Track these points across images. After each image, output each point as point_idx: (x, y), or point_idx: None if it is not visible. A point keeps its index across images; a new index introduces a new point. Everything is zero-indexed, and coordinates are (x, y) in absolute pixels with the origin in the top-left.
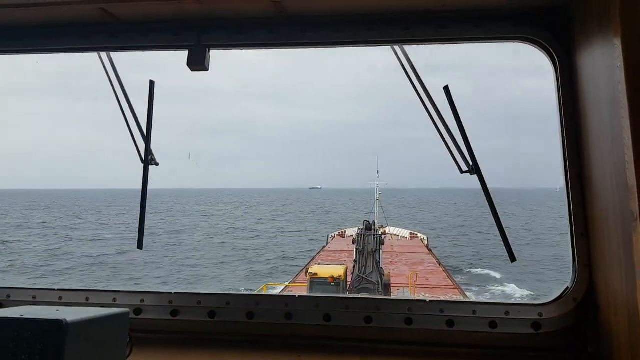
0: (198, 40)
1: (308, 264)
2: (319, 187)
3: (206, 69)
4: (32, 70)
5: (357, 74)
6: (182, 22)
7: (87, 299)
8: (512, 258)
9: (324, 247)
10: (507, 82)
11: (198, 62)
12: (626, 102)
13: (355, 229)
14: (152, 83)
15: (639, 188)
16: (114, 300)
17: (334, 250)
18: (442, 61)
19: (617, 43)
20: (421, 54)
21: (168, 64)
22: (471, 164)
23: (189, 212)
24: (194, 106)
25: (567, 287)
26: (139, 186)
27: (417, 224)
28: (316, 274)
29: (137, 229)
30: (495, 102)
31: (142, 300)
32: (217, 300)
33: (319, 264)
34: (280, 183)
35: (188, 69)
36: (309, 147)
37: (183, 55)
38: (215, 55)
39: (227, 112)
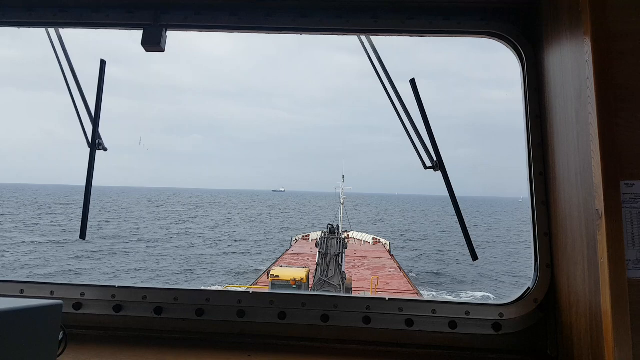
0: (154, 20)
1: (270, 266)
2: (283, 189)
3: (162, 50)
4: None
5: (327, 77)
6: (138, 0)
7: (22, 291)
8: (474, 257)
9: (287, 250)
10: (481, 93)
11: (153, 42)
12: (594, 97)
13: (320, 233)
14: (103, 63)
15: (604, 185)
16: (52, 293)
17: (297, 254)
18: (416, 72)
19: (587, 38)
20: (395, 62)
21: (135, 58)
22: (435, 159)
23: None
24: (160, 103)
25: (529, 288)
26: (107, 182)
27: (380, 230)
28: (278, 276)
29: (81, 218)
30: (466, 111)
31: (82, 294)
32: (164, 295)
33: (281, 267)
34: (244, 184)
35: (155, 65)
36: (273, 149)
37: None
38: (184, 49)
39: (194, 110)
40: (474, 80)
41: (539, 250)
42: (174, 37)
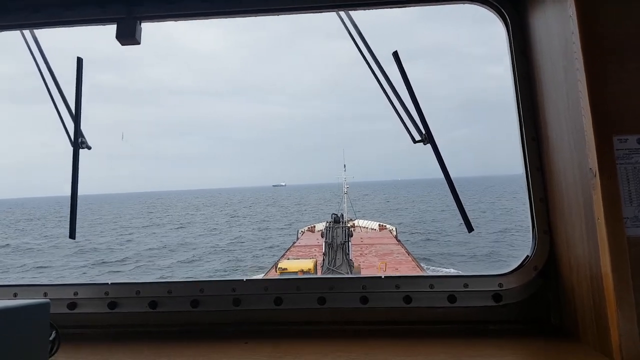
0: (128, 13)
1: (278, 260)
2: (283, 184)
3: (138, 43)
4: None
5: (322, 67)
6: None
7: (15, 294)
8: (470, 228)
9: (294, 242)
10: (483, 69)
11: (128, 35)
12: (580, 51)
13: (325, 224)
14: (79, 60)
15: (596, 143)
16: (45, 294)
17: (304, 245)
18: (413, 49)
19: None
20: (389, 43)
21: (129, 65)
22: (424, 132)
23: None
24: (157, 107)
25: (527, 256)
26: (105, 190)
27: (386, 216)
28: (286, 268)
29: (69, 218)
30: (467, 90)
31: (75, 293)
32: (157, 289)
33: (288, 259)
34: (243, 182)
35: (149, 70)
36: (272, 144)
37: (146, 53)
38: (173, 48)
39: (192, 112)
40: (473, 56)
41: (536, 217)
42: (165, 38)
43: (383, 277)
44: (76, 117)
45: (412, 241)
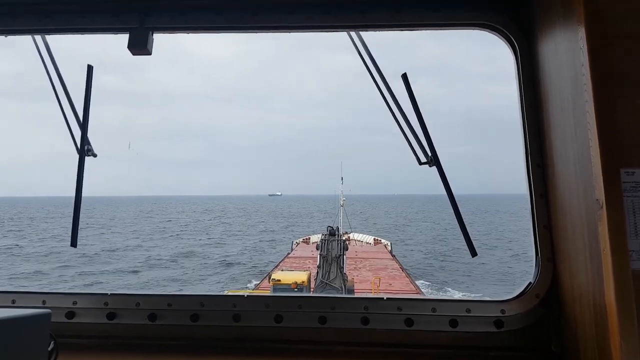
0: (140, 23)
1: (272, 270)
2: (279, 193)
3: (149, 53)
4: None
5: (327, 77)
6: (123, 3)
7: (14, 301)
8: (473, 253)
9: (288, 253)
10: (487, 88)
11: (140, 46)
12: (590, 83)
13: (320, 236)
14: (90, 68)
15: (604, 174)
16: (43, 302)
17: (299, 257)
18: (417, 68)
19: (580, 24)
20: (393, 59)
21: (133, 67)
22: (430, 154)
23: None
24: (159, 111)
25: (530, 283)
26: (99, 193)
27: (382, 231)
28: (279, 280)
29: (72, 225)
30: (470, 107)
31: (74, 303)
32: (157, 301)
33: (282, 271)
34: (240, 190)
35: (154, 73)
36: (271, 152)
37: (153, 56)
38: (182, 56)
39: (194, 117)
40: (478, 75)
41: (539, 244)
42: (172, 43)
43: (385, 298)
44: (83, 125)
45: (421, 264)
